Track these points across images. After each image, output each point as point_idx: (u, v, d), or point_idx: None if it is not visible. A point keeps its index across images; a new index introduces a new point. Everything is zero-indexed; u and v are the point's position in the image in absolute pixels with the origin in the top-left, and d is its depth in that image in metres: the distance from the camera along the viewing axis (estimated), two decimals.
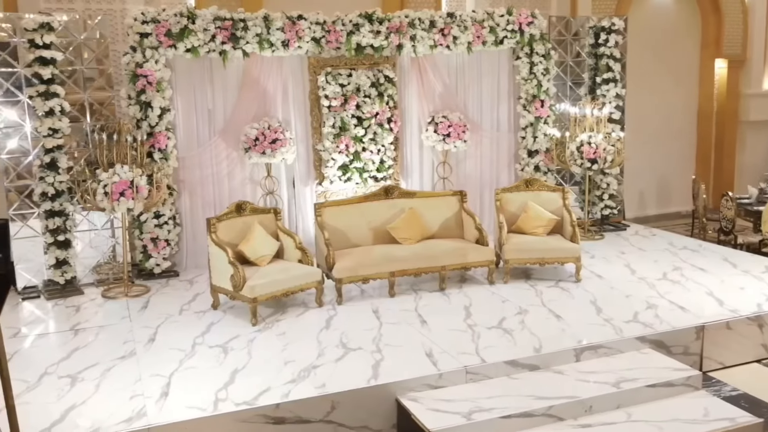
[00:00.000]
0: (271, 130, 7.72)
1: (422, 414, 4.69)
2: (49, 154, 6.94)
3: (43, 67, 6.79)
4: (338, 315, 6.34)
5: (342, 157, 8.15)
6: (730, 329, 5.97)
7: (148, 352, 5.60)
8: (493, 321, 6.04)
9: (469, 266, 7.05)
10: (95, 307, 6.75)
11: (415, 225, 7.22)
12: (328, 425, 4.80)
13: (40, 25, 6.75)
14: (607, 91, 9.16)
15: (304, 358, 5.36)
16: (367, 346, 5.57)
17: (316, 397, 4.77)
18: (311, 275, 6.50)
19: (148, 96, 7.24)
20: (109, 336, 5.97)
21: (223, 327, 6.11)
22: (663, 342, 5.72)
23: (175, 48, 7.32)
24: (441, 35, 8.27)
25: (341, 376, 5.03)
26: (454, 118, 8.48)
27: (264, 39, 7.60)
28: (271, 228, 6.82)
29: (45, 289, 7.15)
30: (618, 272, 7.38)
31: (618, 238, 8.91)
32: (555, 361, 5.38)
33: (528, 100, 8.86)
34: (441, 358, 5.29)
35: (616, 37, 9.10)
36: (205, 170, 7.84)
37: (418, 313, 6.33)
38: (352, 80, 8.06)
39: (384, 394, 4.92)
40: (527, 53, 8.76)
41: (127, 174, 6.71)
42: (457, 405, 4.79)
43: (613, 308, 6.27)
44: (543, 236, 7.33)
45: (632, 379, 5.14)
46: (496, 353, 5.37)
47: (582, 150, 8.48)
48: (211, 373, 5.15)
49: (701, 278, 7.08)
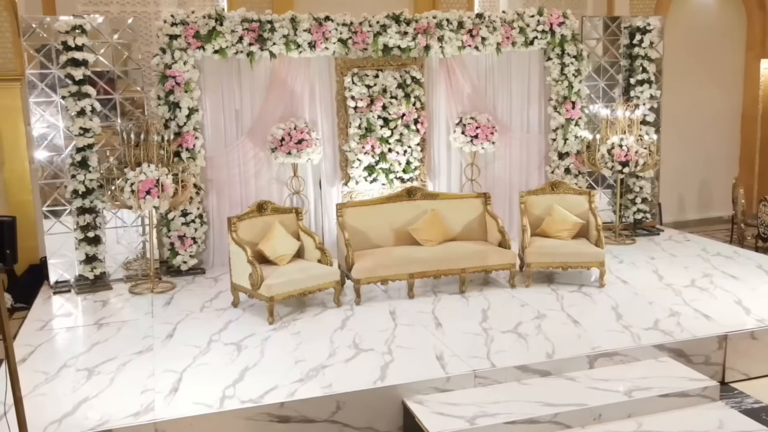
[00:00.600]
0: (297, 130, 7.80)
1: (426, 417, 4.68)
2: (80, 152, 7.15)
3: (74, 69, 6.99)
4: (355, 315, 6.36)
5: (368, 158, 8.17)
6: (756, 339, 5.77)
7: (165, 347, 5.71)
8: (509, 325, 5.98)
9: (490, 269, 6.98)
10: (121, 303, 6.92)
11: (436, 227, 7.19)
12: (333, 425, 4.82)
13: (73, 27, 6.95)
14: (641, 92, 8.95)
15: (315, 357, 5.40)
16: (379, 347, 5.58)
17: (322, 397, 4.79)
18: (329, 275, 6.54)
19: (176, 96, 7.39)
20: (130, 331, 6.12)
21: (240, 325, 6.19)
22: (683, 351, 5.58)
23: (203, 49, 7.45)
24: (469, 36, 8.22)
25: (349, 377, 5.05)
26: (482, 119, 8.42)
27: (291, 40, 7.67)
28: (292, 228, 6.89)
29: (76, 284, 7.37)
30: (645, 278, 7.22)
31: (650, 243, 8.72)
32: (567, 368, 5.29)
33: (559, 101, 8.74)
34: (451, 362, 5.26)
35: (651, 38, 8.88)
36: (232, 170, 7.96)
37: (434, 315, 6.30)
38: (378, 81, 8.07)
39: (390, 396, 4.92)
40: (558, 54, 8.64)
41: (153, 173, 6.86)
42: (463, 409, 4.75)
43: (634, 315, 6.13)
44: (567, 240, 7.22)
45: (645, 388, 5.02)
46: (508, 358, 5.31)
47: (613, 153, 8.32)
48: (223, 370, 5.23)
49: (731, 286, 6.87)
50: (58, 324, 6.39)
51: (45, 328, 6.29)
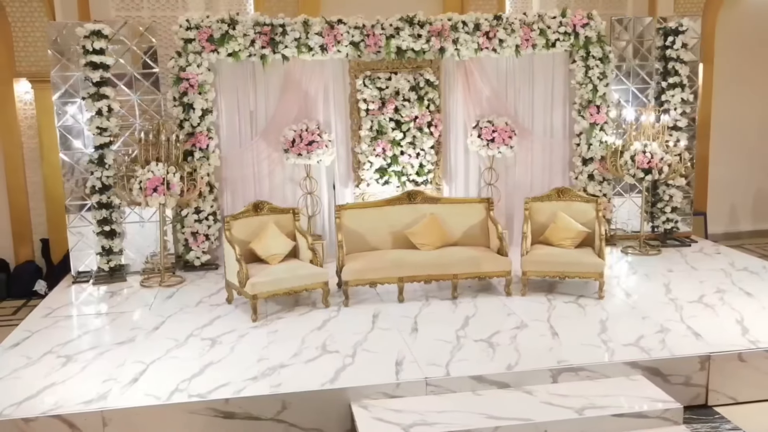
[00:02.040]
0: (308, 132, 7.92)
1: (364, 422, 4.68)
2: (97, 150, 7.54)
3: (92, 71, 7.39)
4: (338, 317, 6.41)
5: (379, 161, 8.20)
6: (744, 362, 5.42)
7: (147, 339, 5.96)
8: (484, 334, 5.87)
9: (484, 276, 6.87)
10: (128, 294, 7.26)
11: (434, 231, 7.14)
12: (279, 424, 4.89)
13: (92, 32, 7.34)
14: (672, 96, 8.53)
15: (279, 356, 5.49)
16: (345, 350, 5.61)
17: (267, 396, 4.87)
18: (317, 276, 6.62)
19: (190, 98, 7.67)
20: (121, 322, 6.41)
21: (225, 321, 6.37)
22: (659, 370, 5.30)
23: (217, 53, 7.69)
24: (486, 38, 8.09)
25: (302, 377, 5.11)
26: (500, 123, 8.27)
27: (302, 43, 7.80)
28: (288, 228, 7.01)
29: (94, 275, 7.78)
30: (651, 291, 6.90)
31: (676, 254, 8.31)
32: (528, 381, 5.15)
33: (583, 105, 8.46)
34: (408, 368, 5.22)
35: (684, 39, 8.44)
36: (246, 169, 8.18)
37: (415, 320, 6.26)
38: (391, 84, 8.08)
39: (338, 399, 4.94)
40: (583, 56, 8.37)
41: (160, 171, 7.16)
42: (403, 416, 4.72)
43: (620, 329, 5.88)
44: (569, 249, 7.00)
45: (602, 406, 4.82)
46: (466, 367, 5.22)
47: (636, 159, 7.99)
48: (188, 364, 5.40)
49: (741, 303, 6.47)
50: (62, 312, 6.77)
51: (50, 315, 6.68)
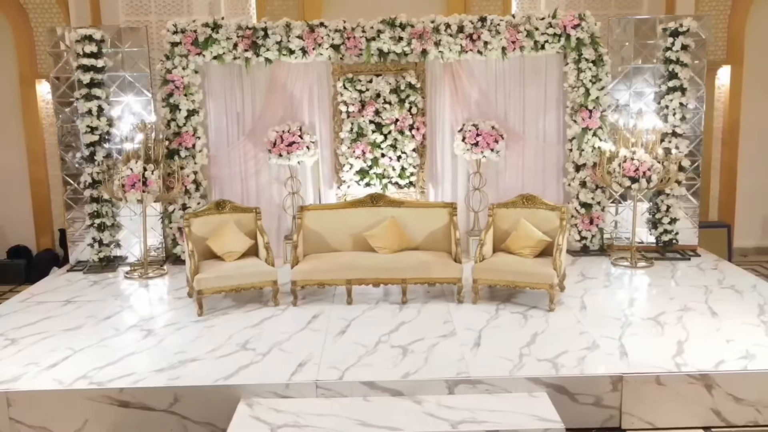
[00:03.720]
0: (289, 133, 8.08)
1: (238, 418, 4.78)
2: (88, 148, 8.02)
3: (84, 73, 7.87)
4: (279, 316, 6.52)
5: (359, 162, 8.25)
6: (662, 385, 5.09)
7: (92, 328, 6.30)
8: (407, 340, 5.82)
9: (433, 282, 6.79)
10: (106, 285, 7.68)
11: (393, 234, 7.11)
12: (171, 416, 5.07)
13: (83, 37, 7.82)
14: (671, 101, 8.05)
15: (195, 350, 5.68)
16: (262, 348, 5.72)
17: (159, 388, 5.07)
18: (266, 275, 6.77)
19: (175, 99, 8.00)
20: (83, 310, 6.80)
21: (174, 314, 6.63)
22: (565, 388, 5.08)
23: (202, 56, 7.99)
24: (469, 40, 7.96)
25: (203, 372, 5.27)
26: (485, 127, 8.11)
27: (284, 46, 7.96)
28: (250, 227, 7.19)
29: (88, 265, 8.29)
30: (611, 306, 6.58)
31: (668, 268, 7.85)
32: (423, 390, 5.07)
33: (574, 109, 8.15)
34: (309, 369, 5.27)
35: (684, 40, 7.94)
36: (233, 168, 8.45)
37: (350, 323, 6.28)
38: (371, 86, 8.10)
39: (229, 395, 5.05)
40: (575, 59, 8.07)
41: (137, 169, 7.53)
42: (279, 416, 4.79)
43: (548, 344, 5.67)
44: (528, 258, 6.80)
45: (480, 421, 4.68)
46: (366, 372, 5.21)
47: (624, 166, 7.63)
48: (111, 352, 5.68)
49: (697, 323, 6.06)
50: (38, 298, 7.25)
51: (27, 300, 7.19)
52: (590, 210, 8.28)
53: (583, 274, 7.67)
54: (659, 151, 7.71)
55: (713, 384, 5.10)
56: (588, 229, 8.32)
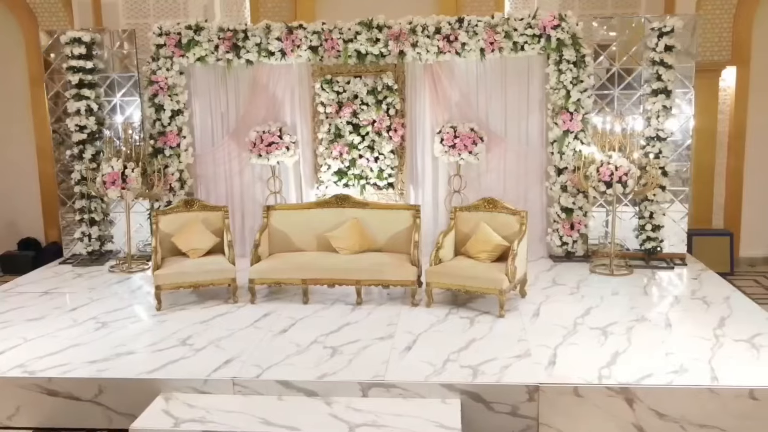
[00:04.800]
0: (268, 133, 8.21)
1: (149, 411, 4.92)
2: (78, 146, 8.36)
3: (73, 74, 8.20)
4: (233, 313, 6.64)
5: (336, 163, 8.30)
6: (581, 397, 4.95)
7: (54, 318, 6.57)
8: (343, 341, 5.84)
9: (387, 284, 6.78)
10: (89, 278, 7.98)
11: (355, 236, 7.14)
12: (97, 406, 5.25)
13: (72, 39, 8.15)
14: (654, 103, 7.77)
15: (135, 344, 5.87)
16: (200, 344, 5.85)
17: (85, 379, 5.26)
18: (225, 272, 6.91)
19: (160, 99, 8.24)
20: (55, 302, 7.10)
21: (135, 308, 6.86)
22: (480, 396, 5.01)
23: (186, 57, 8.20)
24: (446, 42, 7.89)
25: (131, 365, 5.44)
26: (464, 129, 8.04)
27: (263, 48, 8.09)
28: (217, 225, 7.35)
29: (79, 258, 8.63)
30: (564, 314, 6.40)
31: (644, 276, 7.58)
32: (337, 392, 5.09)
33: (555, 111, 7.98)
34: (232, 366, 5.36)
35: (668, 41, 7.65)
36: (218, 167, 8.64)
37: (297, 321, 6.35)
38: (349, 88, 8.14)
39: (150, 389, 5.20)
40: (556, 60, 7.89)
41: (117, 166, 7.81)
42: (188, 411, 4.90)
43: (478, 351, 5.58)
44: (483, 262, 6.71)
45: (379, 425, 4.67)
46: (288, 371, 5.26)
47: (600, 171, 7.43)
48: (58, 342, 5.92)
49: (645, 335, 5.86)
50: (21, 288, 7.61)
51: (9, 290, 7.56)
52: (571, 215, 8.09)
53: (555, 280, 7.51)
54: (635, 156, 7.45)
55: (634, 398, 4.92)
56: (569, 235, 8.12)
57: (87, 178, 8.25)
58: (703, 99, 8.97)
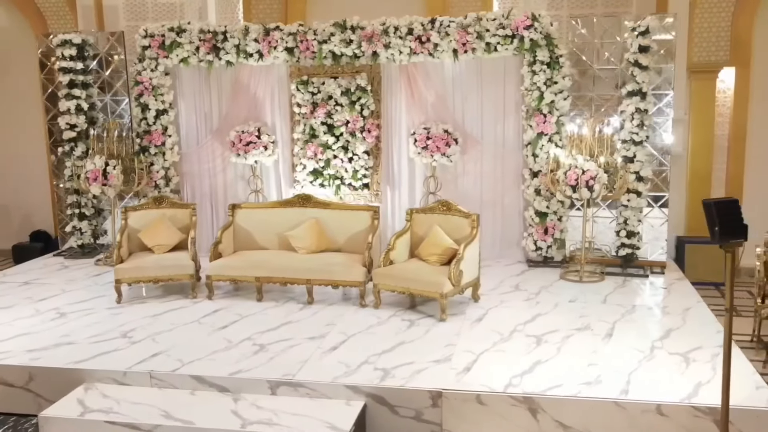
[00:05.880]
0: (246, 133, 8.37)
1: (64, 400, 5.13)
2: (68, 143, 8.73)
3: (64, 75, 8.58)
4: (186, 308, 6.82)
5: (311, 163, 8.38)
6: (484, 405, 4.87)
7: (20, 308, 6.89)
8: (274, 339, 5.93)
9: (336, 284, 6.82)
10: (73, 270, 8.33)
11: (313, 235, 7.21)
12: (28, 393, 5.50)
13: (62, 42, 8.52)
14: (627, 105, 7.52)
15: (79, 335, 6.10)
16: (139, 337, 6.04)
17: (17, 366, 5.52)
18: (183, 268, 7.10)
19: (144, 99, 8.52)
20: (30, 292, 7.43)
21: (99, 300, 7.10)
22: (384, 399, 5.00)
23: (168, 58, 8.45)
24: (419, 43, 7.86)
25: (64, 355, 5.66)
26: (437, 130, 7.99)
27: (242, 49, 8.25)
28: (185, 222, 7.54)
29: (72, 251, 9.02)
30: (507, 320, 6.27)
31: (613, 284, 7.36)
32: (247, 389, 5.17)
33: (529, 113, 7.83)
34: (157, 360, 5.52)
35: (642, 41, 7.38)
36: (203, 165, 8.86)
37: (240, 319, 6.47)
38: (324, 88, 8.21)
39: (74, 378, 5.39)
40: (530, 61, 7.74)
41: (99, 163, 8.12)
42: (98, 401, 5.07)
43: (400, 354, 5.55)
44: (434, 265, 6.66)
45: (273, 423, 4.72)
46: (202, 367, 5.38)
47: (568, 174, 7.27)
48: (10, 331, 6.22)
49: (578, 344, 5.71)
50: (8, 278, 8.01)
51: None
52: (545, 219, 7.92)
53: (519, 286, 7.37)
54: (601, 159, 7.23)
55: (538, 408, 4.81)
56: (543, 239, 7.96)
57: (74, 175, 8.61)
58: (698, 101, 8.63)
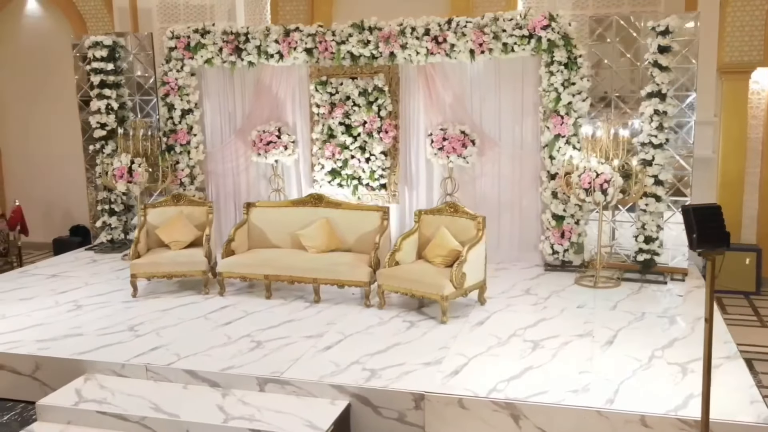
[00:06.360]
0: (267, 133, 8.50)
1: (64, 389, 5.33)
2: (99, 142, 9.03)
3: (95, 75, 8.88)
4: (197, 304, 6.97)
5: (330, 163, 8.44)
6: (466, 409, 4.83)
7: (42, 299, 7.18)
8: (273, 336, 6.02)
9: (342, 284, 6.85)
10: (102, 264, 8.60)
11: (324, 235, 7.27)
12: (35, 381, 5.73)
13: (93, 43, 8.82)
14: (647, 107, 7.31)
15: (90, 327, 6.32)
16: (145, 330, 6.22)
17: (23, 355, 5.76)
18: (196, 264, 7.26)
19: (170, 99, 8.75)
20: (55, 284, 7.72)
21: (116, 294, 7.33)
22: (369, 400, 5.01)
23: (193, 59, 8.65)
24: (435, 43, 7.83)
25: (71, 346, 5.88)
26: (454, 131, 7.95)
27: (263, 50, 8.38)
28: (201, 219, 7.71)
29: (103, 246, 9.33)
30: (510, 325, 6.20)
31: (628, 290, 7.16)
32: (236, 385, 5.27)
33: (546, 114, 7.71)
34: (156, 354, 5.67)
35: (662, 41, 7.16)
36: (226, 164, 9.04)
37: (245, 315, 6.58)
38: (341, 89, 8.26)
39: (77, 369, 5.60)
40: (547, 61, 7.62)
41: (125, 161, 8.38)
42: (95, 392, 5.25)
43: (394, 355, 5.56)
44: (439, 267, 6.64)
45: (255, 419, 4.79)
46: (198, 362, 5.51)
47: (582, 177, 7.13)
48: (26, 321, 6.49)
49: (576, 351, 5.59)
50: (38, 270, 8.35)
51: (27, 271, 8.35)
52: (561, 222, 7.78)
53: (530, 290, 7.26)
54: (615, 162, 7.05)
55: (520, 414, 4.75)
56: (560, 243, 7.82)
57: (103, 172, 8.90)
58: (730, 102, 8.34)
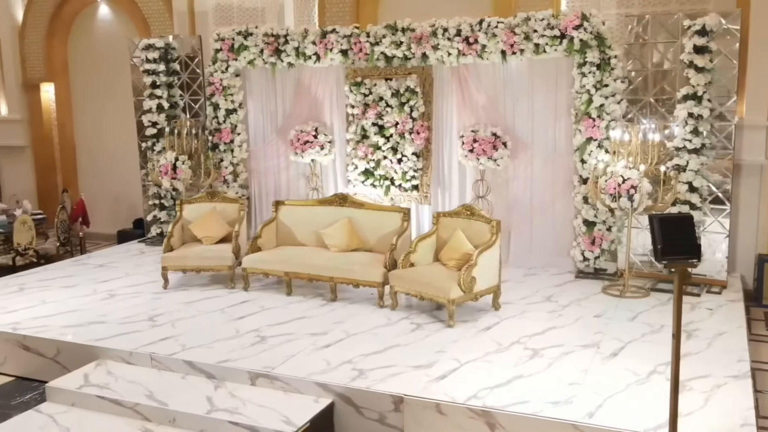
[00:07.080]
0: (304, 132, 8.68)
1: (72, 374, 5.66)
2: (150, 139, 9.47)
3: (147, 76, 9.32)
4: (221, 297, 7.21)
5: (363, 164, 8.52)
6: (443, 414, 4.79)
7: (82, 287, 7.63)
8: (278, 332, 6.16)
9: (357, 283, 6.92)
10: (148, 256, 8.99)
11: (345, 234, 7.36)
12: (56, 364, 6.11)
13: (146, 46, 9.26)
14: (681, 110, 6.96)
15: (114, 315, 6.67)
16: (162, 321, 6.51)
17: (46, 339, 6.15)
18: (223, 259, 7.51)
19: (215, 99, 9.08)
20: (100, 274, 8.18)
21: (150, 284, 7.68)
22: (351, 400, 5.06)
23: (237, 60, 8.93)
24: (466, 44, 7.76)
25: (90, 332, 6.23)
26: (485, 133, 7.86)
27: (300, 52, 8.56)
28: (233, 216, 7.97)
29: (154, 239, 9.79)
30: (518, 332, 6.08)
31: (654, 302, 6.85)
32: (230, 378, 5.44)
33: (578, 117, 7.50)
34: (164, 344, 5.93)
35: (698, 41, 6.80)
36: (268, 162, 9.29)
37: (263, 310, 6.77)
38: (375, 90, 8.31)
39: (91, 354, 5.94)
40: (579, 62, 7.41)
41: (169, 158, 8.77)
42: (102, 377, 5.55)
43: (388, 356, 5.59)
44: (452, 270, 6.59)
45: (237, 412, 4.94)
46: (201, 353, 5.71)
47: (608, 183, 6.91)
48: (62, 307, 6.94)
49: (574, 362, 5.44)
50: (91, 260, 8.86)
51: (80, 260, 8.91)
52: (592, 228, 7.54)
53: (552, 297, 7.07)
54: (641, 167, 6.76)
55: (496, 423, 4.68)
56: (590, 250, 7.58)
57: (153, 168, 9.33)
58: None
